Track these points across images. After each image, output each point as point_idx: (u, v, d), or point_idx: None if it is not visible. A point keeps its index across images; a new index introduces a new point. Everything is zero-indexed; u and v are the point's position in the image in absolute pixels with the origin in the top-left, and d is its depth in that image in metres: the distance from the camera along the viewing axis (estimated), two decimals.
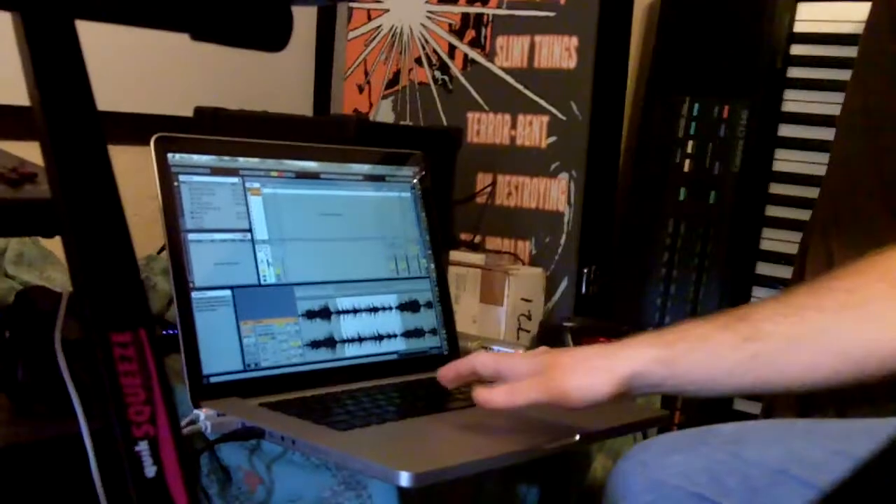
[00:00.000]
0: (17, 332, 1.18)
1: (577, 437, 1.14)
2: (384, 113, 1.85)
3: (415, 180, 1.45)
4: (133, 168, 1.18)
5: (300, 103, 1.98)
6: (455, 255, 1.63)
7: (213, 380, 1.17)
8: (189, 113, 1.56)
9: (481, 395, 1.05)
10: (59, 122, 0.72)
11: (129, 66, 1.73)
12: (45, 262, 1.45)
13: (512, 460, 1.09)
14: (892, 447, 0.41)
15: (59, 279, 1.41)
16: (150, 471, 0.62)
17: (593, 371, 0.98)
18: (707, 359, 0.94)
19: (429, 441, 1.12)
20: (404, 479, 0.97)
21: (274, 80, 1.96)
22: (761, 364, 0.91)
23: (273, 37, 0.89)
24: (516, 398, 1.03)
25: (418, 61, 1.82)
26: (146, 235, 1.17)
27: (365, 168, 1.39)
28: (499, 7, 1.72)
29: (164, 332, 1.30)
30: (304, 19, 2.00)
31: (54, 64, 0.75)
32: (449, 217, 1.62)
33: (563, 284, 1.67)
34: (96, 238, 0.69)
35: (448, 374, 1.14)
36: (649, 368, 0.96)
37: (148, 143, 1.18)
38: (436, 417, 1.18)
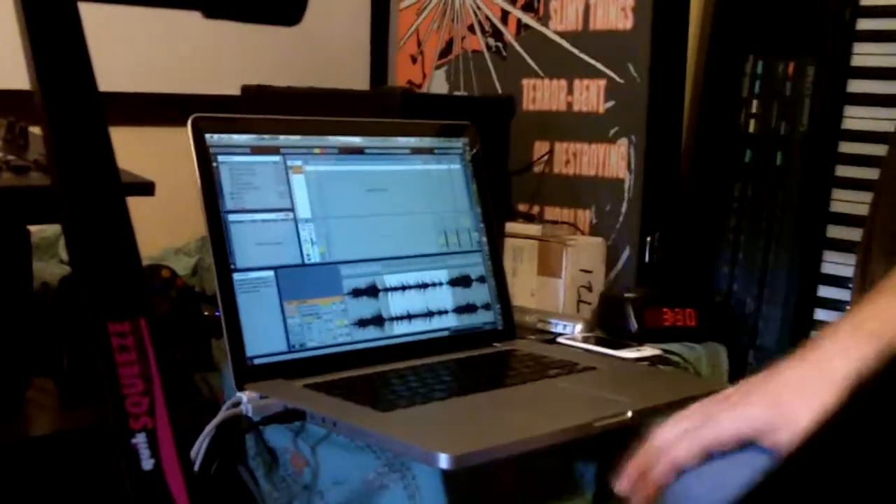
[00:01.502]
0: (63, 319, 1.18)
1: (630, 414, 1.11)
2: (438, 83, 1.82)
3: (465, 152, 1.41)
4: (186, 149, 1.17)
5: (357, 77, 1.96)
6: (511, 226, 1.59)
7: (257, 361, 1.15)
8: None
9: None
10: (59, 108, 0.70)
11: (182, 46, 1.72)
12: None
13: (558, 440, 1.06)
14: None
15: None
16: (148, 463, 0.61)
17: (811, 387, 0.82)
18: None
19: (472, 421, 1.09)
20: (443, 460, 0.95)
21: (330, 54, 1.94)
22: None
23: (287, 10, 0.86)
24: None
25: (471, 29, 1.78)
26: (201, 216, 1.16)
27: (412, 141, 1.36)
28: None
29: (217, 314, 1.29)
30: None
31: (55, 48, 0.73)
32: (505, 188, 1.59)
33: (626, 254, 1.63)
34: (95, 226, 0.67)
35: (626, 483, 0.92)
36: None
37: None
38: (484, 395, 1.15)
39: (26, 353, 1.14)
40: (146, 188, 1.12)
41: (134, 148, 1.49)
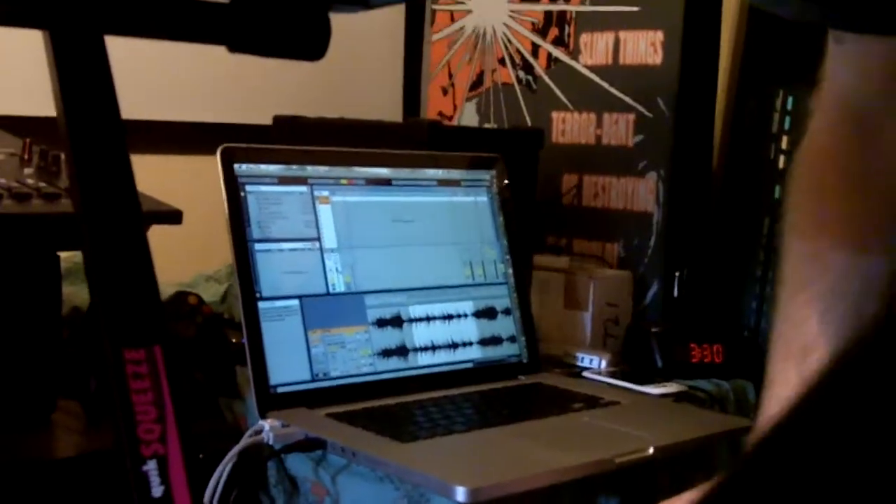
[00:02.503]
0: (92, 343, 1.20)
1: (651, 450, 1.11)
2: (468, 115, 1.83)
3: (492, 183, 1.42)
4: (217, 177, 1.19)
5: (391, 108, 1.98)
6: (539, 258, 1.60)
7: (280, 390, 1.16)
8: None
9: None
10: (83, 139, 0.72)
11: (217, 76, 1.74)
12: None
13: (577, 475, 1.06)
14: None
15: None
16: (157, 490, 0.61)
17: None
18: None
19: (492, 454, 1.09)
20: (460, 493, 0.95)
21: (364, 86, 1.96)
22: None
23: (311, 46, 0.87)
24: None
25: (501, 62, 1.79)
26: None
27: (438, 173, 1.37)
28: (582, 3, 1.68)
29: (243, 341, 1.31)
30: (392, 23, 1.99)
31: (81, 82, 0.75)
32: (533, 220, 1.59)
33: (653, 288, 1.62)
34: (114, 253, 0.68)
35: None
36: None
37: None
38: (505, 429, 1.15)
39: (53, 376, 1.16)
40: (174, 216, 1.13)
41: (169, 176, 1.51)
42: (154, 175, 1.39)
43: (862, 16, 0.85)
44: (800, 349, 0.84)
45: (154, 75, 1.63)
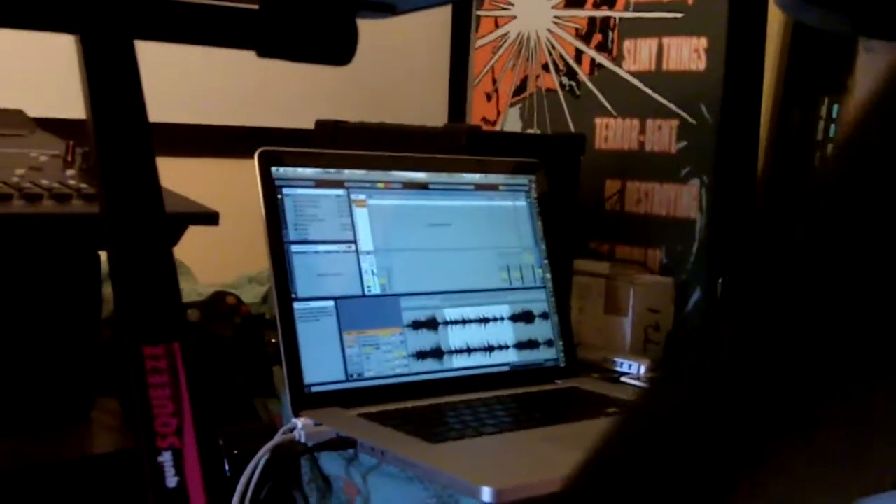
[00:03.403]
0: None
1: None
2: (512, 121, 1.84)
3: (531, 188, 1.43)
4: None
5: (435, 113, 1.99)
6: (579, 263, 1.60)
7: (314, 389, 1.18)
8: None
9: None
10: (109, 141, 0.74)
11: (261, 79, 1.77)
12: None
13: None
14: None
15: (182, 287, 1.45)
16: (172, 481, 0.63)
17: None
18: None
19: (521, 456, 1.10)
20: (486, 494, 0.96)
21: (410, 90, 1.97)
22: None
23: (338, 51, 0.89)
24: None
25: (545, 67, 1.80)
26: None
27: (476, 177, 1.38)
28: (625, 9, 1.69)
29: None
30: (438, 28, 2.01)
31: (109, 86, 0.77)
32: (574, 225, 1.60)
33: (696, 295, 1.62)
34: (136, 252, 0.70)
35: None
36: None
37: None
38: (537, 431, 1.16)
39: (93, 374, 1.19)
40: (211, 218, 1.16)
41: (215, 178, 1.54)
42: (202, 178, 1.43)
43: (890, 23, 0.84)
44: None
45: (200, 80, 1.66)
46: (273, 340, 1.32)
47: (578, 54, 1.75)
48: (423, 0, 0.91)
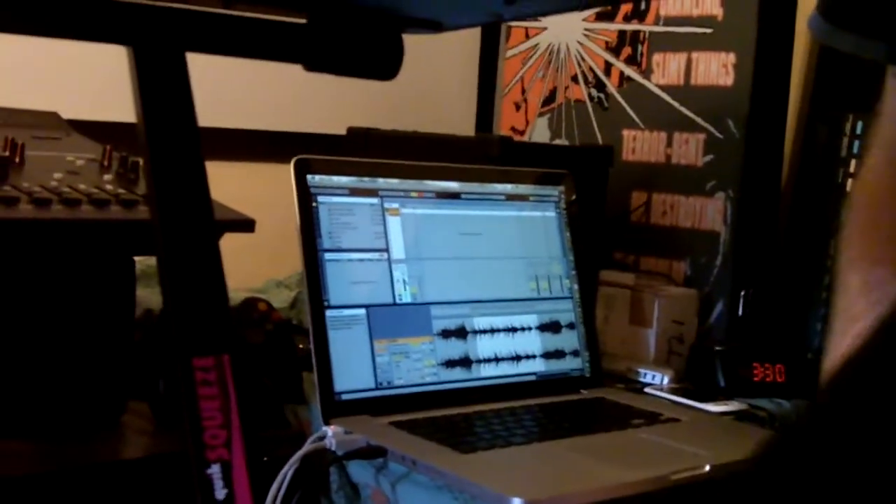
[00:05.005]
0: (163, 346, 1.23)
1: (707, 468, 1.12)
2: (540, 131, 1.85)
3: (560, 199, 1.44)
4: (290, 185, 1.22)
5: (464, 122, 2.00)
6: (605, 274, 1.61)
7: (344, 397, 1.19)
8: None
9: None
10: (161, 152, 0.75)
11: (294, 86, 1.78)
12: None
13: (633, 490, 1.07)
14: None
15: None
16: (221, 493, 0.64)
17: None
18: None
19: (549, 466, 1.11)
20: None
21: (439, 99, 1.99)
22: None
23: (385, 66, 0.90)
24: None
25: (574, 79, 1.81)
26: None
27: (507, 188, 1.40)
28: (655, 24, 1.70)
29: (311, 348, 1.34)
30: (468, 38, 2.02)
31: (162, 97, 0.78)
32: (601, 236, 1.61)
33: (719, 307, 1.63)
34: (188, 264, 0.71)
35: None
36: None
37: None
38: (564, 442, 1.17)
39: (124, 378, 1.20)
40: (247, 225, 1.17)
41: (245, 182, 1.55)
42: (230, 181, 1.43)
43: None
44: None
45: (234, 85, 1.67)
46: (302, 346, 1.33)
47: (608, 66, 1.76)
48: (467, 18, 0.92)
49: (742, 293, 1.63)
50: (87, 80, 1.60)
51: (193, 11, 0.80)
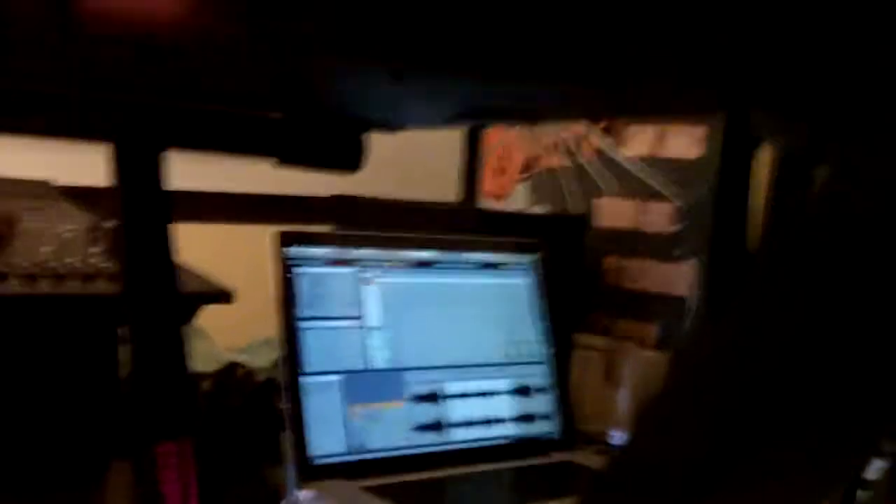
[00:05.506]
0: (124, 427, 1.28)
1: None
2: (520, 197, 1.91)
3: (534, 267, 1.49)
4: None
5: (449, 186, 2.06)
6: (579, 337, 1.66)
7: (318, 461, 1.24)
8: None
9: None
10: (135, 243, 0.81)
11: None
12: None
13: None
14: None
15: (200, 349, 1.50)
16: None
17: None
18: None
19: None
20: None
21: (424, 164, 2.04)
22: None
23: (349, 160, 0.96)
24: None
25: (552, 148, 1.87)
26: None
27: (482, 256, 1.45)
28: None
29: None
30: None
31: (139, 189, 0.84)
32: (575, 301, 1.66)
33: None
34: (152, 350, 0.77)
35: None
36: None
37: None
38: None
39: (108, 437, 1.24)
40: (224, 297, 1.22)
41: (232, 241, 1.60)
42: (219, 241, 1.47)
43: None
44: None
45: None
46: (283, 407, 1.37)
47: (583, 137, 1.82)
48: (426, 121, 0.98)
49: None
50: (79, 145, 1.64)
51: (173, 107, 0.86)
